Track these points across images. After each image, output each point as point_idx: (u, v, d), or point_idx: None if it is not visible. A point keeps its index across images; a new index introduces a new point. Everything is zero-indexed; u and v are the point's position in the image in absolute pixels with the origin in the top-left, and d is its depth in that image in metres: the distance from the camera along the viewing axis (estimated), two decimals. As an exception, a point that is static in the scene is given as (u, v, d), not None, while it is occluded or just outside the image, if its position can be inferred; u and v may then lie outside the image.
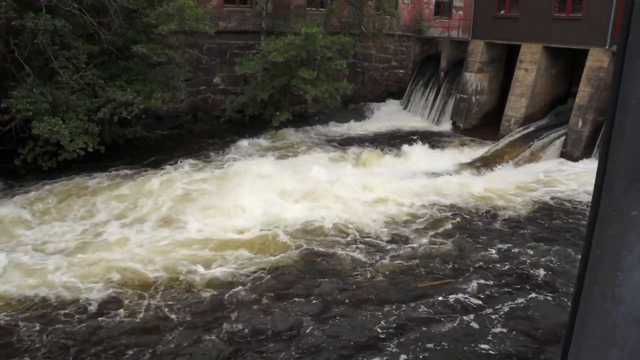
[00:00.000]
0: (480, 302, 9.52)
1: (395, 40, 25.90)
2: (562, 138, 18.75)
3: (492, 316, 9.10)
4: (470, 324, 8.86)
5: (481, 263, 11.08)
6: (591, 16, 18.36)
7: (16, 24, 14.13)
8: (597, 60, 18.13)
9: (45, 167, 15.32)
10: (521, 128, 20.26)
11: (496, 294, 9.82)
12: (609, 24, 17.55)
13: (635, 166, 1.50)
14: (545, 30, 19.96)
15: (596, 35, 17.97)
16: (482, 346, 8.28)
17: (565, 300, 9.54)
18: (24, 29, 14.33)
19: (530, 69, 20.45)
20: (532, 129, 20.12)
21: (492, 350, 8.18)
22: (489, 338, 8.50)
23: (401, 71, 27.15)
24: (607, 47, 17.77)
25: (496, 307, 9.36)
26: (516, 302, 9.57)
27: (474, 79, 22.53)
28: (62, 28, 14.48)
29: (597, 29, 17.93)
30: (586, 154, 18.07)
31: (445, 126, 23.51)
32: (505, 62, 22.99)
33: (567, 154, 18.42)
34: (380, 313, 9.14)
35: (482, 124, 22.79)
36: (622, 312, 1.49)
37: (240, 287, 9.91)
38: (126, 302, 9.34)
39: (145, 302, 9.34)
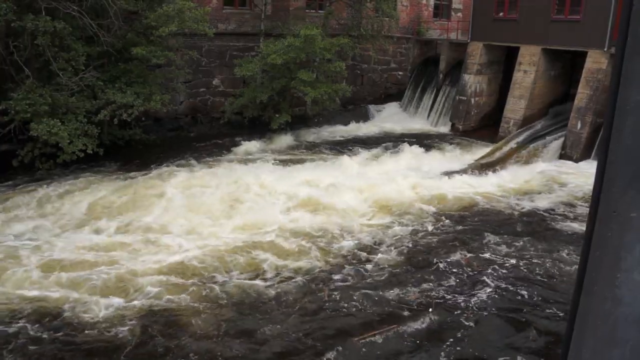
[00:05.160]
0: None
1: (394, 42, 25.89)
2: (561, 139, 18.77)
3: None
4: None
5: (459, 269, 11.09)
6: (590, 18, 18.38)
7: (16, 25, 14.13)
8: (596, 62, 18.16)
9: (42, 169, 15.31)
10: (520, 130, 20.27)
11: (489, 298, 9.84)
12: (607, 26, 17.58)
13: (634, 167, 1.50)
14: (544, 32, 19.99)
15: (595, 37, 18.00)
16: None
17: (560, 307, 9.55)
18: (23, 31, 14.32)
19: (529, 71, 20.47)
20: (531, 130, 20.13)
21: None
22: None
23: (400, 73, 27.16)
24: (605, 49, 17.80)
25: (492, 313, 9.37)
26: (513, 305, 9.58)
27: (473, 81, 22.55)
28: (62, 30, 14.47)
29: (596, 30, 17.96)
30: (585, 155, 18.09)
31: (444, 128, 23.49)
32: (504, 64, 23.00)
33: (566, 156, 18.44)
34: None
35: (481, 126, 22.79)
36: (622, 313, 1.50)
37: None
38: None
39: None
